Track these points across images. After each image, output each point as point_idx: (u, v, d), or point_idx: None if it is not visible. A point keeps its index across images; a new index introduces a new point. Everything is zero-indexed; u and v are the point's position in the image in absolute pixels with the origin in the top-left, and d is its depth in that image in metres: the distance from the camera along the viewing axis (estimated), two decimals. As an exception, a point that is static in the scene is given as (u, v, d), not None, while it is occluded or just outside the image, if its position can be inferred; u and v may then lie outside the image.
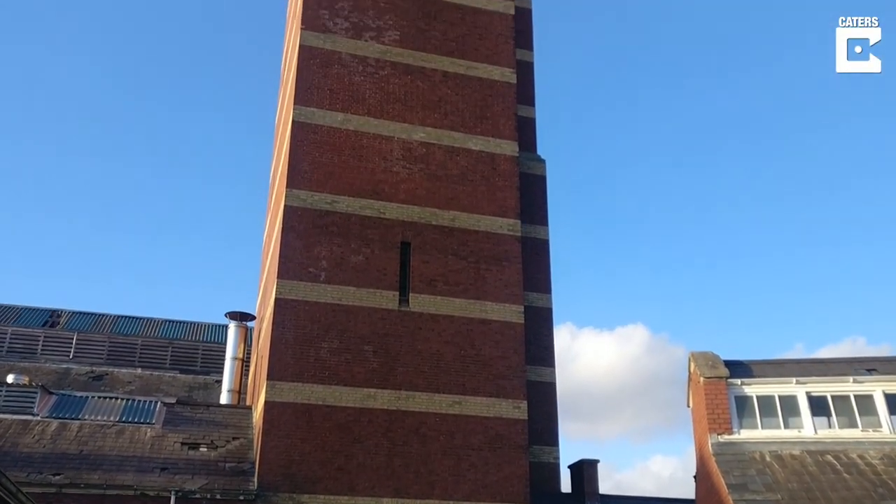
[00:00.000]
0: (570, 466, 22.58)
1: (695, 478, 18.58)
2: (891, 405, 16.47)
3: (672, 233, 70.67)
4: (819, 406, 16.74)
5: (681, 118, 69.72)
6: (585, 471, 21.81)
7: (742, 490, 14.59)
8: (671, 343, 73.09)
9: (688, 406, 19.23)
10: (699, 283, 70.31)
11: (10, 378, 19.29)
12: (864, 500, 14.01)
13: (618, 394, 70.02)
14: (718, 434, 16.45)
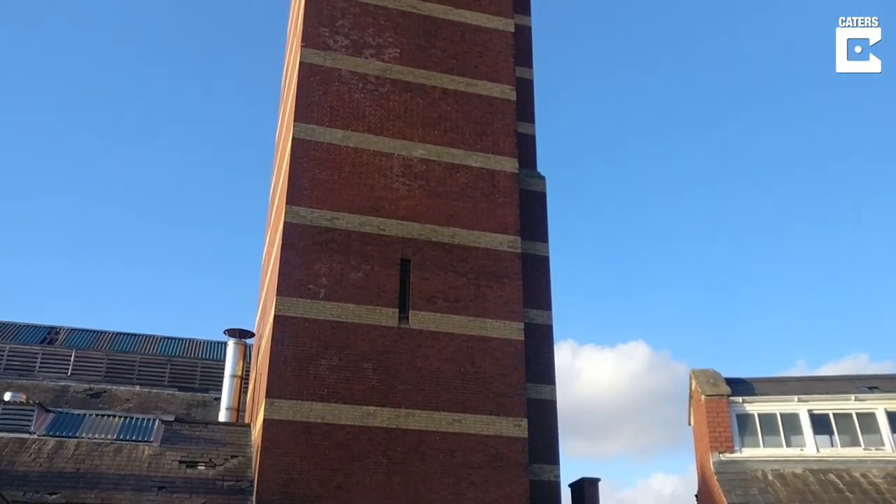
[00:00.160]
0: (571, 485, 22.45)
1: (696, 497, 18.46)
2: (893, 423, 16.41)
3: (673, 249, 70.72)
4: (821, 424, 16.67)
5: (681, 125, 69.88)
6: (586, 489, 21.69)
7: (744, 509, 14.50)
8: (673, 360, 72.95)
9: (689, 424, 19.14)
10: (701, 300, 70.28)
11: (7, 396, 19.23)
12: (868, 520, 13.94)
13: (619, 411, 69.82)
14: (720, 452, 16.37)
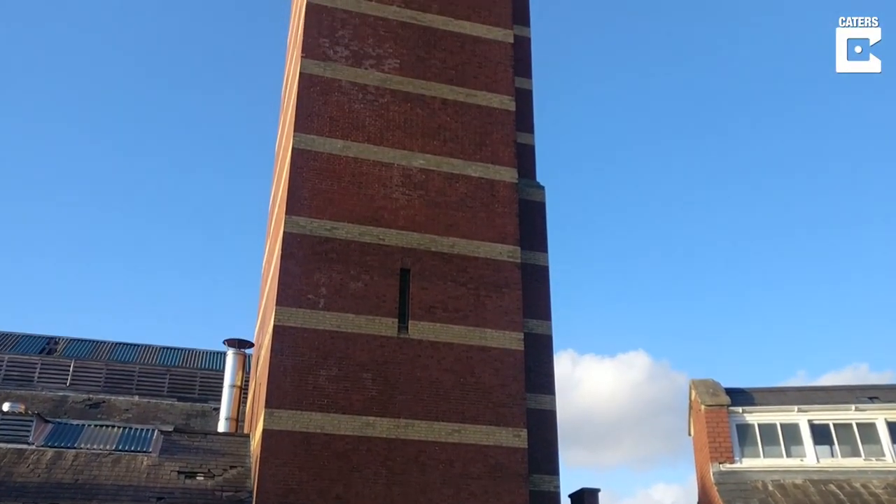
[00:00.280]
0: (571, 495, 22.38)
1: (697, 507, 18.39)
2: (893, 433, 16.39)
3: (673, 258, 70.74)
4: (821, 434, 16.65)
5: (680, 131, 69.95)
6: (586, 499, 21.63)
7: (745, 520, 14.45)
8: (673, 369, 72.90)
9: (689, 434, 19.10)
10: (701, 309, 70.27)
11: (6, 406, 19.18)
12: (869, 531, 13.89)
13: (619, 421, 69.69)
14: (720, 463, 16.33)
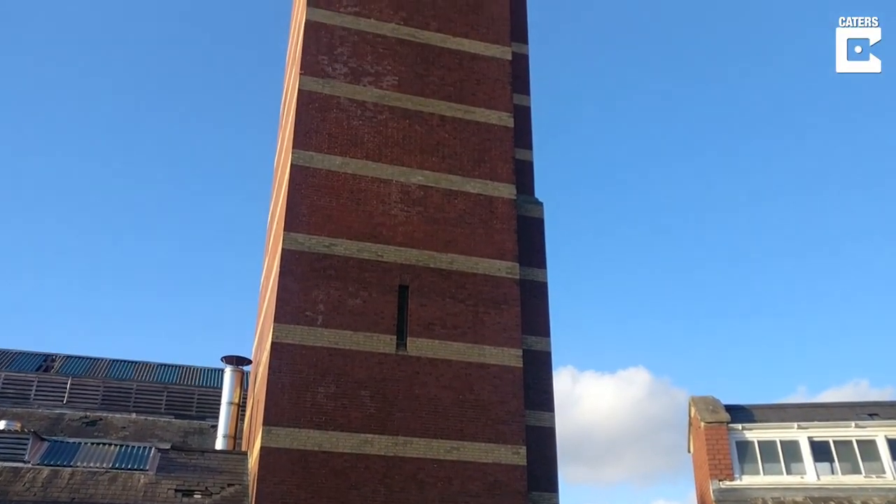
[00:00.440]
0: (571, 513, 22.24)
1: (697, 525, 18.29)
2: (894, 450, 16.32)
3: (674, 274, 70.75)
4: (821, 451, 16.58)
5: (680, 149, 70.08)
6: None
7: (745, 538, 14.37)
8: (673, 386, 72.72)
9: (689, 451, 19.03)
10: (702, 325, 70.18)
11: (2, 424, 19.06)
12: (870, 549, 13.81)
13: (620, 437, 69.41)
14: (720, 480, 16.25)
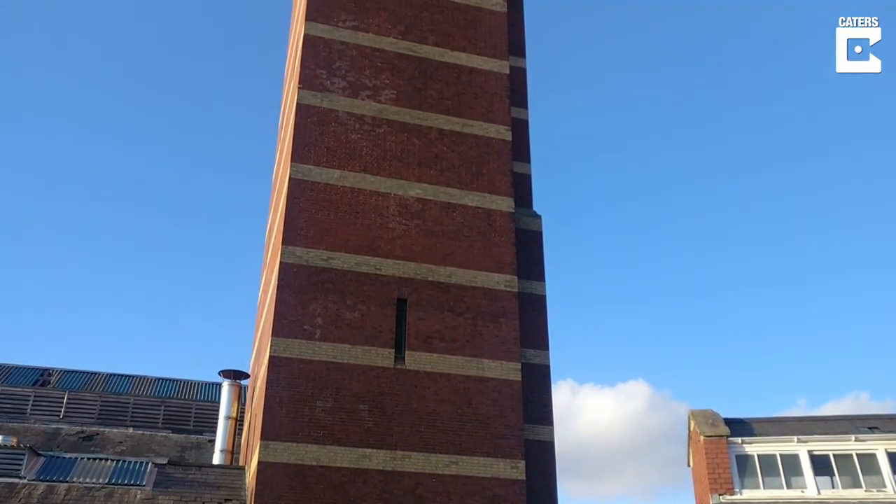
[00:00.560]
0: (570, 527, 22.11)
1: (697, 540, 18.19)
2: (894, 464, 16.27)
3: (674, 287, 70.70)
4: (821, 465, 16.53)
5: (678, 157, 70.13)
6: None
7: (746, 553, 14.29)
8: (673, 399, 72.54)
9: (688, 465, 18.96)
10: (702, 338, 70.08)
11: (-1, 439, 18.99)
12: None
13: (619, 451, 69.17)
14: (720, 494, 16.19)
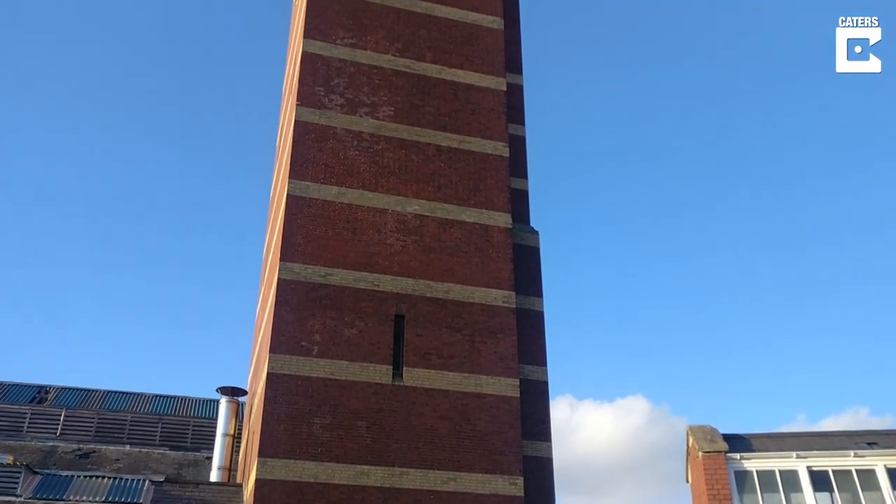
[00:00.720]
0: (569, 545, 21.99)
1: (697, 557, 18.08)
2: (893, 480, 16.20)
3: (672, 302, 70.65)
4: (821, 481, 16.45)
5: (676, 172, 70.23)
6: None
7: (746, 570, 14.21)
8: (672, 414, 72.26)
9: (687, 481, 18.88)
10: (701, 353, 69.95)
11: (-5, 457, 18.89)
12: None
13: (619, 467, 68.84)
14: (719, 511, 16.10)
